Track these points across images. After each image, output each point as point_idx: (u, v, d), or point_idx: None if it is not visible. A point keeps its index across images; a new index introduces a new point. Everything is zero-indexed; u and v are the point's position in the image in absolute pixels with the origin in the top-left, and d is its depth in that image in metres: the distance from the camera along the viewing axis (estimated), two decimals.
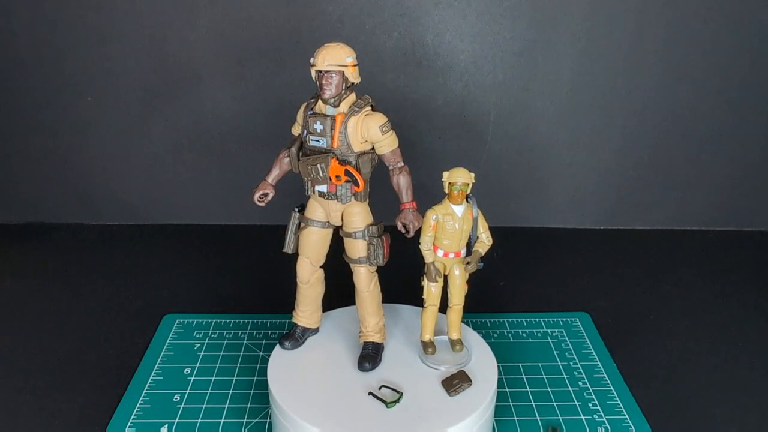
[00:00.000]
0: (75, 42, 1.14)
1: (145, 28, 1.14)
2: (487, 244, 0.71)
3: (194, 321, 0.94)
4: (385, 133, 0.66)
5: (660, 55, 1.16)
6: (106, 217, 1.27)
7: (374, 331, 0.73)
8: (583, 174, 1.26)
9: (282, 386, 0.68)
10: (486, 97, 1.19)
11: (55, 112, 1.20)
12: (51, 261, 1.13)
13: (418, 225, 0.68)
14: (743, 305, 1.01)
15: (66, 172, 1.24)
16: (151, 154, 1.23)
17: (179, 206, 1.26)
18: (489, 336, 0.90)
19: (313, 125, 0.66)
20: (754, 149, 1.23)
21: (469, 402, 0.66)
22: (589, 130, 1.22)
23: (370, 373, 0.71)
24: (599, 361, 0.86)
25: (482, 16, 1.14)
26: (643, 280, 1.09)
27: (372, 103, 0.68)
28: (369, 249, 0.69)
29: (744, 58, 1.16)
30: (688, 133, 1.22)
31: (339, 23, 1.14)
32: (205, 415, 0.76)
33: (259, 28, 1.14)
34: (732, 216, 1.28)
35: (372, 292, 0.72)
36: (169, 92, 1.18)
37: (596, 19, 1.13)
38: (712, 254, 1.19)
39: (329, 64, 0.64)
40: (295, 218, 0.72)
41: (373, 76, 1.15)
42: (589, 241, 1.24)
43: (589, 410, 0.77)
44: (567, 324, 0.95)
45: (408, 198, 0.68)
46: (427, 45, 1.15)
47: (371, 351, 0.72)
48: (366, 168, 0.67)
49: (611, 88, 1.18)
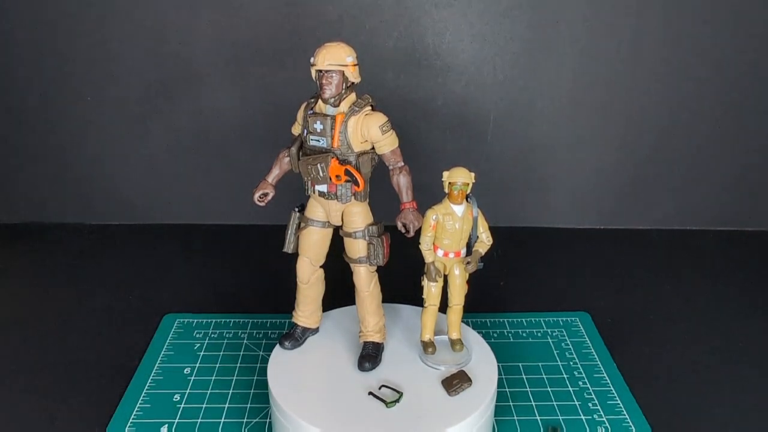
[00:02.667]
0: (75, 42, 1.14)
1: (145, 28, 1.14)
2: (487, 243, 0.71)
3: (194, 321, 0.94)
4: (385, 133, 0.66)
5: (660, 55, 1.16)
6: (106, 217, 1.27)
7: (374, 330, 0.73)
8: (583, 174, 1.26)
9: (282, 386, 0.68)
10: (486, 97, 1.19)
11: (55, 112, 1.20)
12: (51, 261, 1.13)
13: (418, 225, 0.68)
14: (743, 305, 1.01)
15: (66, 172, 1.24)
16: (151, 154, 1.23)
17: (179, 206, 1.26)
18: (489, 336, 0.90)
19: (314, 125, 0.66)
20: (754, 149, 1.23)
21: (469, 402, 0.66)
22: (589, 130, 1.22)
23: (370, 373, 0.71)
24: (599, 361, 0.86)
25: (482, 16, 1.14)
26: (643, 280, 1.09)
27: (372, 102, 0.67)
28: (369, 249, 0.69)
29: (744, 58, 1.16)
30: (688, 133, 1.22)
31: (339, 23, 1.14)
32: (205, 415, 0.76)
33: (259, 28, 1.14)
34: (732, 216, 1.28)
35: (372, 292, 0.72)
36: (169, 92, 1.18)
37: (596, 19, 1.13)
38: (712, 254, 1.19)
39: (329, 63, 0.64)
40: (295, 218, 0.72)
41: (373, 76, 1.15)
42: (589, 241, 1.24)
43: (589, 410, 0.77)
44: (567, 324, 0.95)
45: (408, 198, 0.68)
46: (427, 45, 1.15)
47: (371, 351, 0.72)
48: (366, 168, 0.67)
49: (611, 88, 1.18)
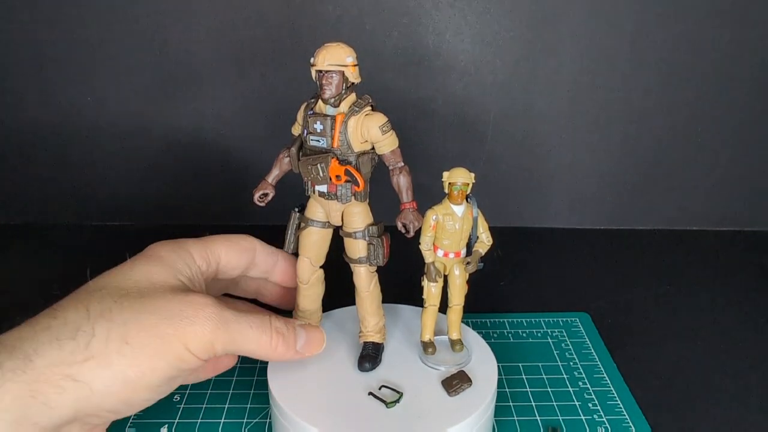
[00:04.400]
0: (75, 42, 1.14)
1: (145, 28, 1.14)
2: (487, 244, 0.71)
3: None
4: (385, 133, 0.66)
5: (660, 55, 1.16)
6: (106, 217, 1.27)
7: (374, 331, 0.73)
8: (583, 174, 1.26)
9: (282, 386, 0.68)
10: (486, 97, 1.19)
11: (56, 112, 1.20)
12: (51, 261, 1.13)
13: (418, 225, 0.68)
14: (743, 305, 1.01)
15: (66, 172, 1.24)
16: (151, 154, 1.23)
17: (179, 206, 1.26)
18: (489, 336, 0.90)
19: (314, 125, 0.66)
20: (754, 149, 1.23)
21: (469, 402, 0.66)
22: (589, 131, 1.22)
23: (370, 373, 0.71)
24: (599, 361, 0.87)
25: (482, 16, 1.14)
26: (643, 280, 1.09)
27: (372, 103, 0.67)
28: (369, 249, 0.69)
29: (744, 58, 1.16)
30: (688, 133, 1.22)
31: (339, 23, 1.14)
32: (205, 415, 0.76)
33: (259, 28, 1.14)
34: (732, 216, 1.28)
35: (372, 293, 0.72)
36: (169, 92, 1.18)
37: (596, 19, 1.13)
38: (712, 254, 1.19)
39: (329, 63, 0.64)
40: (295, 218, 0.72)
41: (373, 76, 1.15)
42: (589, 241, 1.24)
43: (589, 410, 0.77)
44: (567, 324, 0.95)
45: (408, 198, 0.68)
46: (427, 45, 1.15)
47: (371, 351, 0.72)
48: (366, 168, 0.67)
49: (611, 88, 1.18)
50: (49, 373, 0.50)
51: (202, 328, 0.57)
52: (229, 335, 0.59)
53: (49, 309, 0.56)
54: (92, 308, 0.55)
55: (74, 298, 0.57)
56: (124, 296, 0.56)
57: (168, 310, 0.56)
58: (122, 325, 0.54)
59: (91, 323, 0.53)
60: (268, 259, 0.74)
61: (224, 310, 0.60)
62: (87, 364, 0.52)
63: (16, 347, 0.51)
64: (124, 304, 0.56)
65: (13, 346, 0.51)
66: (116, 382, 0.53)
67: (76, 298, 0.57)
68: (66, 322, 0.53)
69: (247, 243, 0.73)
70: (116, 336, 0.53)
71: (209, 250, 0.68)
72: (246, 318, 0.61)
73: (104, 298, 0.56)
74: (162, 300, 0.57)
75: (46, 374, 0.50)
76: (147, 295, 0.57)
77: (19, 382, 0.49)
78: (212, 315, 0.58)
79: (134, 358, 0.54)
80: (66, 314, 0.54)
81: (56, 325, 0.53)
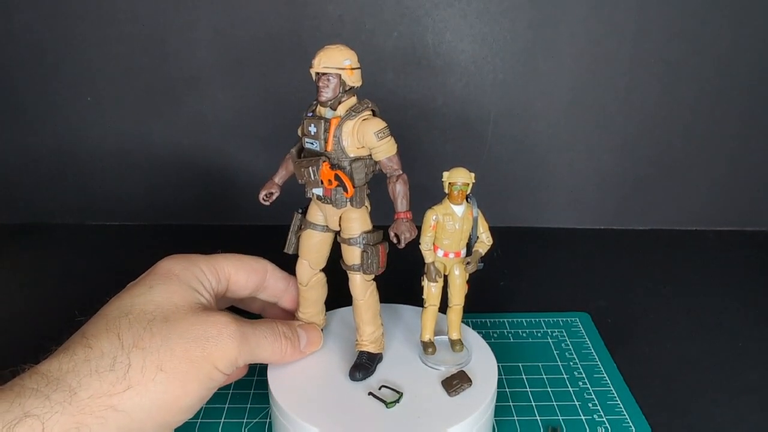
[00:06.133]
0: (75, 42, 1.15)
1: (145, 28, 1.14)
2: (487, 244, 0.71)
3: None
4: (381, 140, 0.64)
5: (660, 55, 1.16)
6: (106, 217, 1.27)
7: (369, 341, 0.71)
8: (583, 174, 1.26)
9: (282, 386, 0.68)
10: (486, 97, 1.19)
11: (55, 112, 1.20)
12: (51, 261, 1.13)
13: (410, 236, 0.65)
14: (743, 305, 1.01)
15: (66, 172, 1.24)
16: (151, 154, 1.23)
17: (179, 206, 1.26)
18: (489, 336, 0.90)
19: (308, 127, 0.65)
20: (754, 149, 1.23)
21: (469, 402, 0.66)
22: (589, 130, 1.22)
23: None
24: (599, 361, 0.87)
25: (482, 16, 1.14)
26: (643, 280, 1.09)
27: (373, 107, 0.66)
28: (362, 257, 0.67)
29: (744, 58, 1.16)
30: (688, 133, 1.22)
31: (339, 23, 1.14)
32: (205, 415, 0.76)
33: (259, 28, 1.14)
34: (732, 216, 1.28)
35: (367, 301, 0.70)
36: (169, 92, 1.18)
37: (596, 19, 1.13)
38: (712, 254, 1.19)
39: (325, 66, 0.63)
40: (297, 219, 0.72)
41: (373, 76, 1.15)
42: (589, 241, 1.24)
43: (589, 410, 0.77)
44: (567, 324, 0.95)
45: (402, 207, 0.65)
46: (427, 45, 1.15)
47: (365, 360, 0.71)
48: (359, 174, 0.65)
49: (611, 88, 1.18)
50: (92, 404, 0.53)
51: (228, 346, 0.60)
52: (249, 348, 0.63)
53: (80, 336, 0.58)
54: (124, 337, 0.57)
55: (104, 325, 0.59)
56: (152, 321, 0.59)
57: (193, 332, 0.59)
58: (155, 352, 0.57)
59: (126, 353, 0.56)
60: (279, 283, 0.75)
61: (243, 325, 0.63)
62: (126, 394, 0.54)
63: (60, 380, 0.53)
64: (153, 330, 0.58)
65: (57, 379, 0.53)
66: (153, 408, 0.56)
67: (106, 326, 0.58)
68: (103, 353, 0.55)
69: (258, 264, 0.74)
70: (151, 364, 0.56)
71: (219, 268, 0.70)
72: (260, 329, 0.65)
73: (132, 324, 0.58)
74: (185, 323, 0.60)
75: (90, 406, 0.53)
76: (171, 318, 0.60)
77: (66, 414, 0.51)
78: (234, 332, 0.61)
79: (169, 383, 0.56)
80: (101, 344, 0.56)
81: (94, 357, 0.55)
